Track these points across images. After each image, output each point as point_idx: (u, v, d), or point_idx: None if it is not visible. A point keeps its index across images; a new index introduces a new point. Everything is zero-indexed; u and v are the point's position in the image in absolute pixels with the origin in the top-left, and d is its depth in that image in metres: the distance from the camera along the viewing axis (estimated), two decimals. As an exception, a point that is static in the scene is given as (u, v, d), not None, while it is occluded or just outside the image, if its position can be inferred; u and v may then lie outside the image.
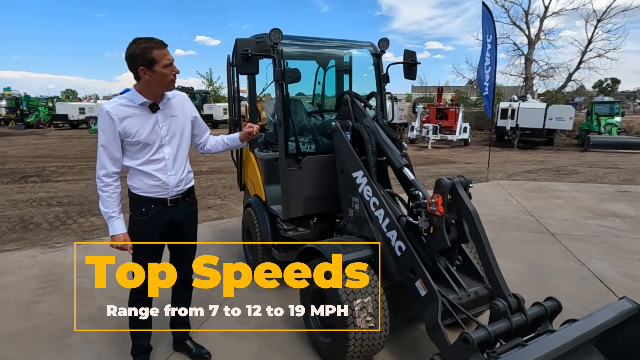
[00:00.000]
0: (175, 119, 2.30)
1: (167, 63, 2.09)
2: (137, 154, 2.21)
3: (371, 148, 2.85)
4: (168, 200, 2.31)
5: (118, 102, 2.15)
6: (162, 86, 2.16)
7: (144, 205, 2.27)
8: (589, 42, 23.05)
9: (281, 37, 3.08)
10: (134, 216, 2.30)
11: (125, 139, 2.16)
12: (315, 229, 3.46)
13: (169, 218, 2.34)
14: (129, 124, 2.13)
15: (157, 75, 2.08)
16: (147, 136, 2.18)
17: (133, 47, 2.04)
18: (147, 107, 2.18)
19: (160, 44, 2.07)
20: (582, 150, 16.27)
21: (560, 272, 4.03)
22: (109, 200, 2.18)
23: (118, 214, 2.21)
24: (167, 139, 2.26)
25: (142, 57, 2.03)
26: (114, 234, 2.21)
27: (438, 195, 2.29)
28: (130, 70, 2.12)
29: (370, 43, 3.78)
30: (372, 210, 2.75)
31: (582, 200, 7.01)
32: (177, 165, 2.32)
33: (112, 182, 2.18)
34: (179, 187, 2.34)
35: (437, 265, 2.45)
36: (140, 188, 2.25)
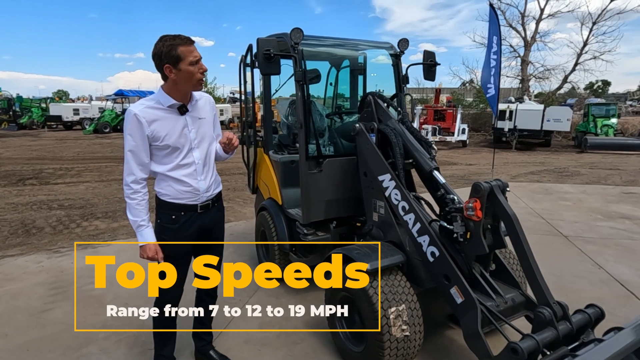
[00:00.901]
0: (203, 121, 2.21)
1: (193, 60, 1.98)
2: (166, 159, 2.11)
3: (399, 151, 2.78)
4: (199, 207, 2.21)
5: (145, 104, 2.04)
6: (190, 85, 2.05)
7: (173, 212, 2.17)
8: (584, 44, 23.25)
9: (302, 37, 3.00)
10: (162, 224, 2.19)
11: (154, 143, 2.06)
12: (335, 232, 3.38)
13: (199, 225, 2.24)
14: (157, 127, 2.03)
15: (184, 73, 1.98)
16: (176, 140, 2.08)
17: (159, 45, 1.96)
18: (175, 110, 2.08)
19: (187, 40, 1.98)
20: (579, 151, 16.36)
21: (579, 275, 3.99)
22: (137, 208, 2.07)
23: (147, 222, 2.10)
24: (196, 143, 2.16)
25: (168, 55, 1.94)
26: (145, 243, 2.09)
27: (476, 200, 2.22)
28: (157, 70, 2.03)
29: (389, 44, 3.72)
30: (400, 215, 2.68)
31: (589, 202, 7.00)
32: (207, 170, 2.23)
33: (140, 189, 2.07)
34: (209, 192, 2.25)
35: (472, 272, 2.38)
36: (169, 194, 2.15)
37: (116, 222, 5.97)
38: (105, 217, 6.21)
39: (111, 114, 24.49)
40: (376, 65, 4.29)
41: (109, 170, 10.69)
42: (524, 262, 2.17)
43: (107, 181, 9.15)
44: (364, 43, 3.79)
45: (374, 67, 4.22)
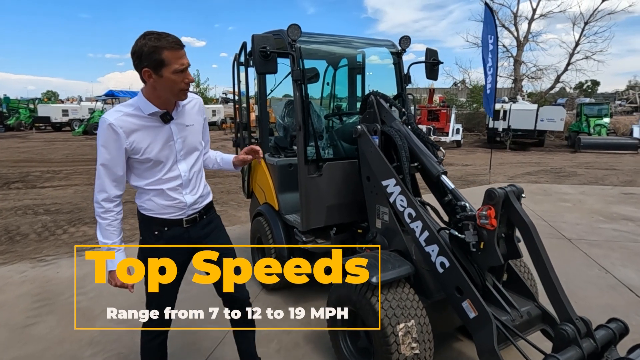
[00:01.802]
0: (190, 129, 1.96)
1: (179, 68, 1.71)
2: (147, 173, 1.87)
3: (405, 154, 2.62)
4: (184, 221, 1.97)
5: (123, 111, 1.77)
6: (170, 94, 1.79)
7: (156, 227, 1.94)
8: (576, 44, 23.35)
9: (300, 34, 2.84)
10: (145, 241, 1.97)
11: (133, 156, 1.80)
12: (335, 239, 3.22)
13: (187, 240, 2.01)
14: (137, 139, 1.77)
15: (165, 81, 1.72)
16: (159, 152, 1.83)
17: (140, 43, 1.68)
18: (158, 118, 1.82)
19: (175, 44, 1.69)
20: (573, 151, 16.37)
21: (587, 280, 3.86)
22: (108, 229, 1.83)
23: (119, 246, 1.88)
24: (182, 154, 1.92)
25: (149, 57, 1.67)
26: (114, 269, 1.86)
27: (490, 207, 2.07)
28: (135, 70, 1.75)
29: (390, 41, 3.57)
30: (407, 222, 2.52)
31: (589, 203, 6.91)
32: (194, 182, 1.99)
33: (113, 208, 1.83)
34: (196, 205, 2.01)
35: (485, 283, 2.23)
36: (151, 209, 1.92)
37: (105, 228, 5.74)
38: (93, 223, 5.94)
39: (101, 115, 24.05)
40: (375, 63, 4.14)
41: (99, 173, 10.41)
42: (543, 274, 2.02)
43: (97, 184, 8.89)
44: (364, 41, 3.64)
45: (373, 65, 4.06)
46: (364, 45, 3.76)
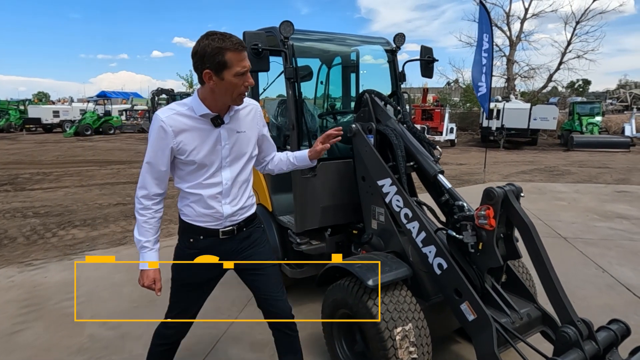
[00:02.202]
0: (242, 135, 1.84)
1: (240, 71, 1.64)
2: (189, 176, 1.79)
3: (400, 153, 2.56)
4: (220, 232, 1.86)
5: (176, 110, 1.71)
6: (228, 98, 1.71)
7: (192, 234, 1.85)
8: (568, 43, 23.51)
9: (292, 31, 2.77)
10: (180, 247, 1.90)
11: (179, 157, 1.74)
12: (330, 241, 3.15)
13: (222, 253, 1.89)
14: (185, 140, 1.71)
15: (225, 84, 1.65)
16: (204, 156, 1.75)
17: (204, 43, 1.61)
18: (208, 120, 1.74)
19: (238, 46, 1.62)
20: (565, 149, 16.47)
21: (584, 280, 3.84)
22: (144, 226, 1.78)
23: (152, 245, 1.80)
24: (228, 161, 1.81)
25: (212, 59, 1.60)
26: (144, 268, 1.80)
27: (489, 207, 2.02)
28: (195, 71, 1.68)
29: (384, 39, 3.51)
30: (403, 223, 2.46)
31: (584, 201, 6.92)
32: (236, 191, 1.86)
33: (152, 205, 1.78)
34: (235, 217, 1.88)
35: (484, 285, 2.18)
36: (188, 215, 1.84)
37: (95, 231, 5.65)
38: (84, 225, 5.87)
39: (92, 116, 23.83)
40: (369, 61, 4.09)
41: (90, 174, 10.28)
42: (543, 275, 1.97)
43: (88, 186, 8.77)
44: (358, 38, 3.58)
45: (367, 64, 4.01)
46: (358, 43, 3.70)
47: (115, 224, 5.95)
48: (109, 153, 15.11)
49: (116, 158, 13.64)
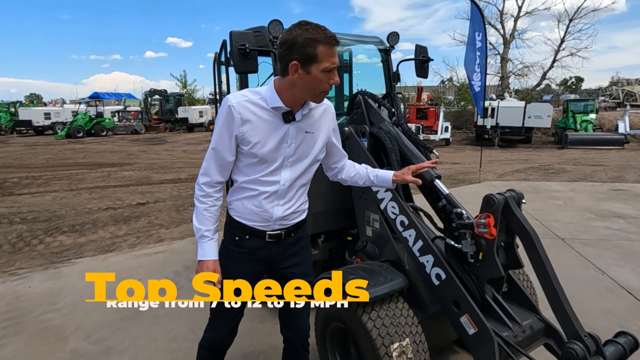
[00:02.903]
0: (310, 136, 1.72)
1: (329, 67, 1.51)
2: (248, 169, 1.68)
3: (395, 157, 2.46)
4: (267, 234, 1.76)
5: (248, 97, 1.60)
6: (310, 94, 1.58)
7: (238, 232, 1.76)
8: (561, 41, 23.58)
9: (282, 30, 2.65)
10: (224, 243, 1.81)
11: (242, 147, 1.64)
12: (324, 248, 3.04)
13: (266, 256, 1.80)
14: (250, 130, 1.60)
15: (310, 78, 1.52)
16: (268, 152, 1.63)
17: (296, 32, 1.48)
18: (279, 115, 1.62)
19: (332, 40, 1.49)
20: (560, 147, 16.48)
21: (583, 282, 3.76)
22: (204, 214, 1.68)
23: (212, 234, 1.70)
24: (290, 161, 1.69)
25: (302, 50, 1.47)
26: (204, 258, 1.70)
27: (489, 215, 1.91)
28: (279, 60, 1.55)
29: (377, 38, 3.40)
30: (399, 231, 2.36)
31: (579, 200, 6.86)
32: (291, 194, 1.75)
33: (213, 193, 1.69)
34: (284, 221, 1.77)
35: (484, 296, 2.08)
36: (237, 210, 1.75)
37: (84, 237, 5.49)
38: (71, 232, 5.71)
39: (84, 118, 23.52)
40: (363, 61, 3.98)
41: (80, 178, 10.08)
42: (547, 287, 1.87)
43: (77, 190, 8.58)
44: (350, 37, 3.46)
45: (360, 63, 3.90)
46: (350, 43, 3.58)
47: (104, 230, 5.80)
48: (100, 155, 14.89)
49: (107, 160, 13.43)
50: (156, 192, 8.13)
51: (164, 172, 10.73)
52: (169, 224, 5.99)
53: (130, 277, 3.78)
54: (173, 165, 11.79)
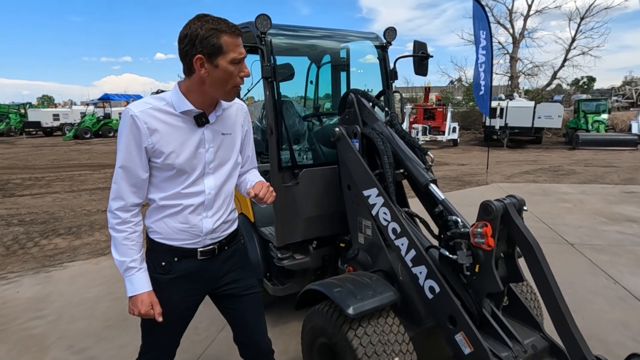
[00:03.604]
0: (228, 138, 1.61)
1: (237, 58, 1.41)
2: (165, 184, 1.52)
3: (388, 160, 2.29)
4: (198, 252, 1.60)
5: (152, 104, 1.45)
6: (221, 91, 1.46)
7: (165, 257, 1.57)
8: (572, 39, 23.12)
9: (270, 25, 2.50)
10: (151, 273, 1.57)
11: (153, 160, 1.47)
12: (316, 255, 2.89)
13: (201, 278, 1.64)
14: (161, 140, 1.45)
15: (220, 72, 1.40)
16: (185, 160, 1.49)
17: (195, 25, 1.38)
18: (191, 119, 1.49)
19: (235, 29, 1.40)
20: (570, 148, 16.11)
21: (594, 291, 3.54)
22: (125, 244, 1.48)
23: (140, 264, 1.51)
24: (212, 167, 1.56)
25: (205, 42, 1.36)
26: (135, 293, 1.49)
27: (486, 224, 1.74)
28: (181, 59, 1.43)
29: (374, 34, 3.23)
30: (391, 239, 2.19)
31: (590, 203, 6.61)
32: (219, 203, 1.60)
33: (131, 218, 1.50)
34: (216, 234, 1.62)
35: (482, 311, 1.90)
36: (160, 232, 1.56)
37: (79, 239, 5.40)
38: (68, 234, 5.63)
39: (92, 119, 23.71)
40: (361, 58, 3.82)
41: (82, 179, 10.05)
42: (551, 304, 1.70)
43: (78, 191, 8.53)
44: (345, 33, 3.30)
45: (357, 61, 3.74)
46: (345, 39, 3.43)
47: (100, 232, 5.71)
48: (105, 156, 14.90)
49: (111, 161, 13.41)
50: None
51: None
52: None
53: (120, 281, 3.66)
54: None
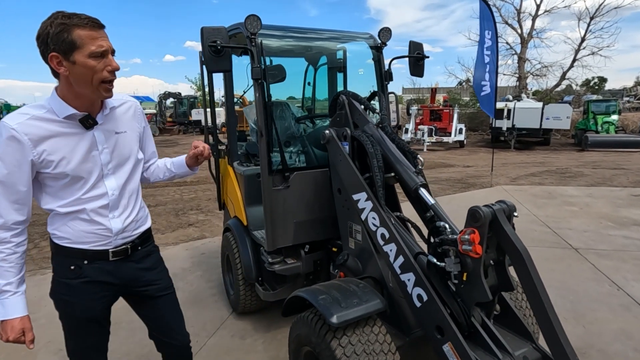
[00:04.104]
0: (122, 136, 1.59)
1: (96, 51, 1.35)
2: (63, 192, 1.49)
3: (377, 163, 2.23)
4: (110, 253, 1.58)
5: (30, 114, 1.40)
6: (89, 88, 1.40)
7: (73, 261, 1.54)
8: (582, 39, 22.79)
9: (260, 26, 2.46)
10: (59, 278, 1.56)
11: (44, 171, 1.43)
12: (307, 260, 2.83)
13: (114, 280, 1.62)
14: (49, 149, 1.41)
15: (79, 68, 1.35)
16: (78, 166, 1.46)
17: (45, 24, 1.34)
18: (76, 122, 1.45)
19: (88, 22, 1.35)
20: (579, 150, 15.85)
21: (596, 299, 3.44)
22: (2, 266, 1.42)
23: (16, 287, 1.45)
24: (110, 168, 1.55)
25: (56, 39, 1.32)
26: (5, 318, 1.43)
27: (474, 230, 1.67)
28: (43, 59, 1.39)
29: (368, 34, 3.17)
30: (380, 244, 2.13)
31: (597, 206, 6.46)
32: (125, 202, 1.61)
33: (12, 238, 1.43)
34: (127, 233, 1.62)
35: (472, 321, 1.83)
36: (66, 237, 1.53)
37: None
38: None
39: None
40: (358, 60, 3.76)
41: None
42: (540, 316, 1.62)
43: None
44: (339, 34, 3.24)
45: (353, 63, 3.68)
46: (339, 39, 3.37)
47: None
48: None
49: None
50: (159, 195, 8.05)
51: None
52: (165, 228, 5.86)
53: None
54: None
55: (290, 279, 2.90)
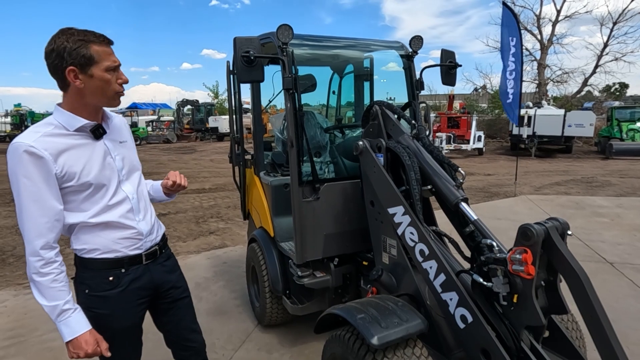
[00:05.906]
0: (125, 145, 1.66)
1: (111, 66, 1.45)
2: (88, 203, 1.49)
3: (414, 176, 2.15)
4: (143, 257, 1.62)
5: (41, 131, 1.40)
6: (104, 99, 1.48)
7: (111, 272, 1.54)
8: (605, 45, 22.32)
9: (292, 36, 2.42)
10: (93, 293, 1.53)
11: (67, 184, 1.43)
12: (337, 273, 2.76)
13: (148, 283, 1.65)
14: (69, 161, 1.42)
15: (96, 81, 1.43)
16: (99, 173, 1.49)
17: (61, 39, 1.38)
18: (88, 133, 1.49)
19: (103, 39, 1.45)
20: (603, 157, 15.44)
21: (637, 317, 3.27)
22: (54, 287, 1.40)
23: (73, 304, 1.45)
24: (124, 174, 1.61)
25: (75, 53, 1.37)
26: (76, 335, 1.42)
27: (526, 250, 1.58)
28: (52, 75, 1.43)
29: (399, 43, 3.11)
30: (418, 261, 2.04)
31: (629, 217, 6.23)
32: (143, 206, 1.68)
33: (55, 257, 1.42)
34: (154, 235, 1.69)
35: (521, 345, 1.73)
36: (99, 248, 1.52)
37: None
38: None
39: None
40: (384, 68, 3.70)
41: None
42: (599, 339, 1.51)
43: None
44: (370, 43, 3.19)
45: (381, 71, 3.62)
46: (370, 48, 3.32)
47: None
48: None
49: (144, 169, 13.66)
50: (179, 202, 8.08)
51: (189, 181, 10.70)
52: (186, 236, 5.86)
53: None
54: (199, 174, 11.80)
55: (318, 293, 2.83)
